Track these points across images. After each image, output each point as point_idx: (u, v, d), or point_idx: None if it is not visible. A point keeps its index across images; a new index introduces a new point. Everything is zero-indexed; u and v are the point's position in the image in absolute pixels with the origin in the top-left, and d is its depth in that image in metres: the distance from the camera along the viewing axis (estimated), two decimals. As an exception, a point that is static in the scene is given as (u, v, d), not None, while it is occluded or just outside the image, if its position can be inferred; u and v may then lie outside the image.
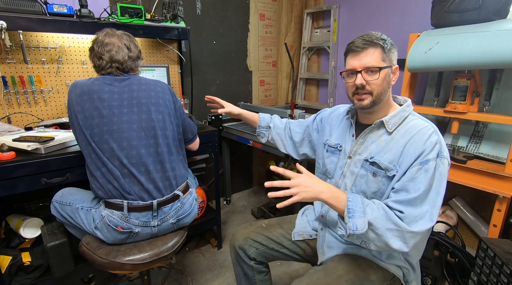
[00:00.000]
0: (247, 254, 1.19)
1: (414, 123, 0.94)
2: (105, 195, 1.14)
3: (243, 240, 1.20)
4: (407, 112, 0.97)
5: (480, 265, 1.38)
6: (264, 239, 1.19)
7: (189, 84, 2.22)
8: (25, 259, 1.39)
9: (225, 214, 2.51)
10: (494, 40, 1.37)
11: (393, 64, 0.96)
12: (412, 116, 0.98)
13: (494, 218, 1.51)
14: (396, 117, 0.96)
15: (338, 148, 1.09)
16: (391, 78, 0.96)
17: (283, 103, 2.97)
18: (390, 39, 0.95)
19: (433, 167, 0.86)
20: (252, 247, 1.19)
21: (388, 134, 0.96)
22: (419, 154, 0.87)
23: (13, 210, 1.65)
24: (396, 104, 1.02)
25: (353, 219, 0.83)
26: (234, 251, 1.22)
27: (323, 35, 2.72)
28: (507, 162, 1.45)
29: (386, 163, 0.93)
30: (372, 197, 0.97)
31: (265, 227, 1.23)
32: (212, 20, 2.36)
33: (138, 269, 1.15)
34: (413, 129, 0.92)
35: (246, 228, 1.24)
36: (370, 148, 0.98)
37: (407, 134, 0.92)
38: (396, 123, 0.95)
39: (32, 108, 1.69)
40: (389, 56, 0.94)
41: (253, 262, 1.20)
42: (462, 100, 1.62)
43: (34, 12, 1.46)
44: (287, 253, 1.20)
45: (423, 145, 0.88)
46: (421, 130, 0.91)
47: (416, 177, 0.87)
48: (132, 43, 1.24)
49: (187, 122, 1.40)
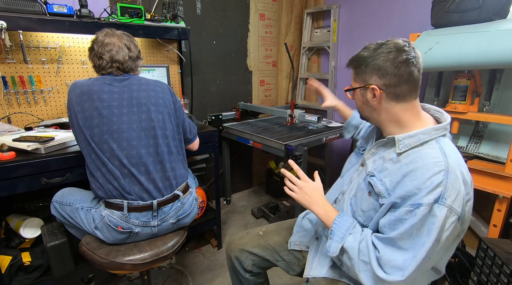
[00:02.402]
0: (243, 266, 1.15)
1: (428, 152, 0.77)
2: (105, 195, 1.14)
3: (239, 252, 1.16)
4: (430, 136, 0.79)
5: (480, 265, 1.38)
6: (261, 250, 1.14)
7: (189, 84, 2.22)
8: (25, 259, 1.39)
9: (225, 214, 2.51)
10: (494, 40, 1.37)
11: (368, 84, 0.82)
12: (437, 143, 0.78)
13: (494, 218, 1.51)
14: (414, 138, 0.79)
15: (361, 151, 1.03)
16: (369, 99, 0.83)
17: (283, 103, 2.97)
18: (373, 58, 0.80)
19: (424, 213, 0.71)
20: (248, 259, 1.15)
21: (397, 155, 0.81)
22: (414, 193, 0.73)
23: (13, 210, 1.65)
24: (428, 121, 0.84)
25: (331, 240, 0.85)
26: (230, 261, 1.19)
27: (323, 35, 2.72)
28: (507, 162, 1.45)
29: (381, 188, 0.82)
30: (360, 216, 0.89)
31: (262, 235, 1.19)
32: (212, 20, 2.36)
33: (138, 269, 1.15)
34: (422, 159, 0.76)
35: (242, 239, 1.20)
36: (376, 164, 0.87)
37: (413, 163, 0.76)
38: (409, 145, 0.80)
39: (32, 108, 1.69)
40: (362, 76, 0.83)
41: (249, 274, 1.16)
42: (462, 100, 1.62)
43: (34, 12, 1.46)
44: (283, 266, 1.15)
45: (423, 184, 0.72)
46: (428, 164, 0.74)
47: (405, 219, 0.74)
48: (132, 43, 1.24)
49: (187, 122, 1.39)
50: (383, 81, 0.79)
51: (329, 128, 2.14)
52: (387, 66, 0.78)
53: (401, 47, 0.78)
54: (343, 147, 2.78)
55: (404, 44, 0.79)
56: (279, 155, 1.85)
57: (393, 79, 0.78)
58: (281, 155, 1.83)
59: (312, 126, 2.16)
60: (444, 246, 0.76)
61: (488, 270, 1.33)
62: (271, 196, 2.83)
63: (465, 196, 0.74)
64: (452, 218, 0.72)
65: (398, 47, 0.78)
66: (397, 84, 0.79)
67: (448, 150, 0.77)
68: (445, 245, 0.75)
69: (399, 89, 0.79)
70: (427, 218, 0.72)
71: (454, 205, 0.71)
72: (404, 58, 0.77)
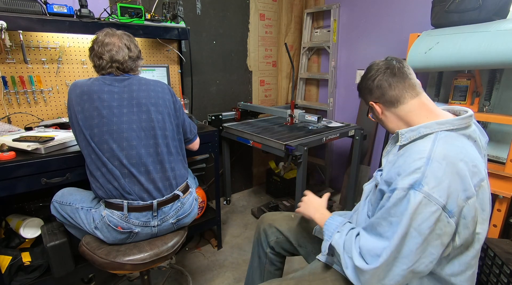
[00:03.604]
0: (268, 240, 1.25)
1: (419, 142, 0.79)
2: (105, 195, 1.14)
3: (268, 225, 1.26)
4: (431, 129, 0.80)
5: (480, 265, 1.38)
6: (287, 230, 1.22)
7: (189, 84, 2.22)
8: (25, 259, 1.39)
9: (225, 214, 2.51)
10: (494, 40, 1.37)
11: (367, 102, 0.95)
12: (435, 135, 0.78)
13: (494, 218, 1.51)
14: (415, 132, 0.82)
15: None
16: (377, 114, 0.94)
17: (283, 103, 2.97)
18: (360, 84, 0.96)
19: (398, 197, 0.71)
20: (273, 234, 1.24)
21: (398, 148, 0.86)
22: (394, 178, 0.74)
23: (13, 210, 1.65)
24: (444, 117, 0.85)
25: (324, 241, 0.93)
26: (258, 232, 1.29)
27: (323, 35, 2.72)
28: (507, 162, 1.46)
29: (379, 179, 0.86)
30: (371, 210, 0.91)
31: (293, 218, 1.26)
32: (212, 20, 2.36)
33: (138, 269, 1.15)
34: (410, 149, 0.79)
35: (274, 215, 1.30)
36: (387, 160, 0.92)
37: (403, 154, 0.79)
38: (410, 138, 0.83)
39: (32, 108, 1.69)
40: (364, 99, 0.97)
41: (270, 250, 1.24)
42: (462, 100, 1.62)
43: (34, 12, 1.46)
44: (303, 253, 1.21)
45: (402, 169, 0.74)
46: (414, 152, 0.76)
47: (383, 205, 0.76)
48: (132, 43, 1.24)
49: (187, 122, 1.39)
50: (374, 96, 0.91)
51: (329, 128, 2.14)
52: (369, 84, 0.91)
53: (371, 65, 0.93)
54: (343, 147, 2.78)
55: (374, 62, 0.94)
56: (279, 155, 1.85)
57: (378, 91, 0.89)
58: (281, 155, 1.83)
59: (312, 126, 2.16)
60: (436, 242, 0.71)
61: (488, 270, 1.33)
62: (271, 196, 2.83)
63: (459, 191, 0.71)
64: (431, 207, 0.68)
65: (369, 67, 0.93)
66: (383, 93, 0.88)
67: (443, 142, 0.75)
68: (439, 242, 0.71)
69: (388, 96, 0.88)
70: (401, 202, 0.71)
71: (434, 193, 0.68)
72: (373, 72, 0.90)
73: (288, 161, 1.78)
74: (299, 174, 1.82)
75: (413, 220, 0.69)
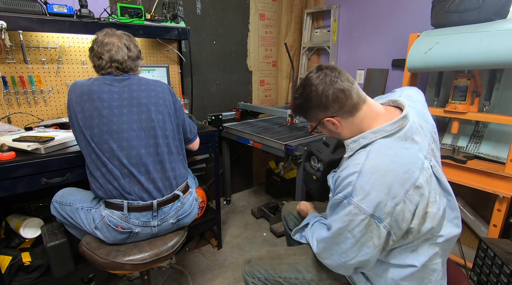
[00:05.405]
0: (288, 225, 1.38)
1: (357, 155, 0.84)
2: (105, 195, 1.14)
3: (287, 213, 1.39)
4: (369, 139, 0.84)
5: (480, 265, 1.38)
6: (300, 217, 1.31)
7: (189, 84, 2.22)
8: (25, 259, 1.39)
9: (225, 214, 2.51)
10: (494, 40, 1.37)
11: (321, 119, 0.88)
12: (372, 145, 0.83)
13: (494, 218, 1.51)
14: (356, 143, 0.87)
15: None
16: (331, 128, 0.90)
17: (283, 103, 2.97)
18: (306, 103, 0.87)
19: (336, 202, 0.82)
20: (292, 220, 1.36)
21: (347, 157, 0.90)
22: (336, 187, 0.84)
23: (13, 210, 1.65)
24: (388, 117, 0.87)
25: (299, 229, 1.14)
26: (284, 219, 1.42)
27: (323, 35, 2.72)
28: (507, 162, 1.45)
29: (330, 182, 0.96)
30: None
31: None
32: (212, 20, 2.36)
33: (138, 269, 1.15)
34: (349, 162, 0.84)
35: (292, 204, 1.42)
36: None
37: (344, 165, 0.86)
38: (354, 149, 0.88)
39: (32, 108, 1.69)
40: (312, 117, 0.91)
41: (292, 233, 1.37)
42: (462, 100, 1.62)
43: (34, 12, 1.46)
44: None
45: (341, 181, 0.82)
46: (350, 165, 0.82)
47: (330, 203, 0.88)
48: (132, 43, 1.24)
49: (187, 122, 1.39)
50: (331, 111, 0.85)
51: (329, 128, 2.14)
52: (322, 100, 0.84)
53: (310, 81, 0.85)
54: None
55: (310, 75, 0.86)
56: (279, 155, 1.85)
57: (335, 105, 0.84)
58: (281, 155, 1.83)
59: (312, 126, 2.16)
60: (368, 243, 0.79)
61: (488, 270, 1.33)
62: (271, 196, 2.83)
63: (386, 200, 0.75)
64: (360, 215, 0.76)
65: (309, 83, 0.85)
66: (342, 104, 0.84)
67: (374, 154, 0.80)
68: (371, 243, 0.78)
69: (347, 106, 0.84)
70: (338, 206, 0.82)
71: (362, 204, 0.76)
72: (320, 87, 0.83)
73: (288, 161, 1.78)
74: (299, 174, 1.83)
75: (345, 223, 0.79)
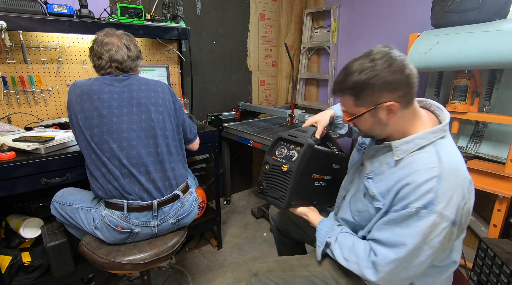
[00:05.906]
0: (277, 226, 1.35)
1: (422, 157, 0.75)
2: (105, 195, 1.14)
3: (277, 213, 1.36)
4: (427, 140, 0.77)
5: (480, 265, 1.38)
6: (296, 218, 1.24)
7: (189, 84, 2.22)
8: (25, 259, 1.39)
9: (225, 214, 2.51)
10: (494, 40, 1.37)
11: (379, 103, 0.75)
12: (433, 147, 0.76)
13: (494, 218, 1.51)
14: (410, 144, 0.78)
15: (363, 148, 1.01)
16: (383, 117, 0.77)
17: (283, 103, 2.97)
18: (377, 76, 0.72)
19: (407, 215, 0.72)
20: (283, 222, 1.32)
21: (394, 160, 0.80)
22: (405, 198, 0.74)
23: (13, 210, 1.65)
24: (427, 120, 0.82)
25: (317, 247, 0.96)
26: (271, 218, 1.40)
27: (323, 35, 2.72)
28: (507, 162, 1.46)
29: (375, 192, 0.82)
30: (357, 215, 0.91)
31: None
32: (212, 20, 2.36)
33: (138, 269, 1.15)
34: (416, 164, 0.75)
35: None
36: (374, 166, 0.87)
37: (406, 168, 0.76)
38: (406, 151, 0.78)
39: (32, 108, 1.69)
40: (367, 99, 0.76)
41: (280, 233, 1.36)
42: (462, 100, 1.62)
43: (34, 12, 1.46)
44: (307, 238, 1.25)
45: (414, 190, 0.72)
46: (421, 169, 0.73)
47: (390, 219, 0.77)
48: (131, 43, 1.24)
49: (187, 122, 1.39)
50: (398, 94, 0.74)
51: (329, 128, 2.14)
52: (397, 78, 0.72)
53: (388, 53, 0.74)
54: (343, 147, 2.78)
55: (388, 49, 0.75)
56: (279, 155, 1.85)
57: (405, 87, 0.74)
58: (281, 155, 1.82)
59: (312, 126, 2.16)
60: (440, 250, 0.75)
61: (488, 270, 1.33)
62: (271, 196, 2.83)
63: (460, 201, 0.72)
64: (443, 224, 0.71)
65: (388, 55, 0.74)
66: (409, 90, 0.75)
67: (444, 154, 0.75)
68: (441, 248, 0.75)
69: (410, 95, 0.76)
70: (411, 218, 0.72)
71: (446, 211, 0.70)
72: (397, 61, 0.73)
73: (288, 161, 1.78)
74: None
75: (426, 237, 0.71)
